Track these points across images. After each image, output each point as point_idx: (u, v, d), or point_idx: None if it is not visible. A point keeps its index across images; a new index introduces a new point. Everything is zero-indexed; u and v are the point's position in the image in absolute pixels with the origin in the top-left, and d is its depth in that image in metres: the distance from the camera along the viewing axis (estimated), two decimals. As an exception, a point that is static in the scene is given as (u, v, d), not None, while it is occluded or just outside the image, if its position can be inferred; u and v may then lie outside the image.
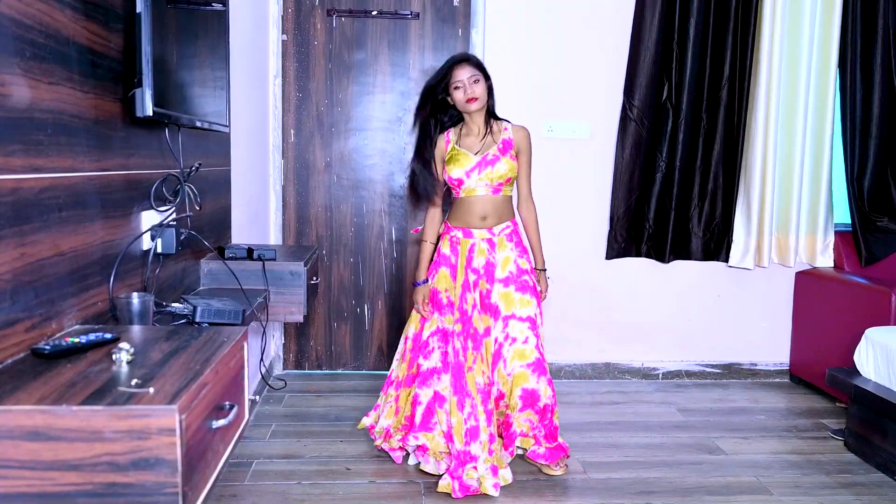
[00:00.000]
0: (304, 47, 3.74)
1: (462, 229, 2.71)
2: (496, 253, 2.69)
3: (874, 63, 3.71)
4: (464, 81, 2.62)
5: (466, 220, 2.71)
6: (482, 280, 2.67)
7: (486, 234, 2.70)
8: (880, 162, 3.79)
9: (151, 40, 1.66)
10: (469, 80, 2.62)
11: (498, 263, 2.68)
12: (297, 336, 3.89)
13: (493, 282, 2.67)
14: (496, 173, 2.66)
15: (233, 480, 2.58)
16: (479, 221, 2.69)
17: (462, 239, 2.71)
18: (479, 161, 2.66)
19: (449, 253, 2.73)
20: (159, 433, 1.12)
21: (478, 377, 2.62)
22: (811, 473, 2.77)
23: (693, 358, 3.97)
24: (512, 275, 2.67)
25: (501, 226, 2.71)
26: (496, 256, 2.69)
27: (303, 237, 3.85)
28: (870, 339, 2.96)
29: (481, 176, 2.66)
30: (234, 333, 1.54)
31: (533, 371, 2.64)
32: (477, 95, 2.62)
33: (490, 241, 2.70)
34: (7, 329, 1.33)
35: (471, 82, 2.62)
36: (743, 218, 3.80)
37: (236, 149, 2.97)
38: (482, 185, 2.67)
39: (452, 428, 2.58)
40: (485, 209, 2.69)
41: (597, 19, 3.73)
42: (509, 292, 2.66)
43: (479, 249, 2.69)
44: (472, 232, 2.70)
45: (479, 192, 2.68)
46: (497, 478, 2.55)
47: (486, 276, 2.67)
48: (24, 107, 1.37)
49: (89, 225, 1.65)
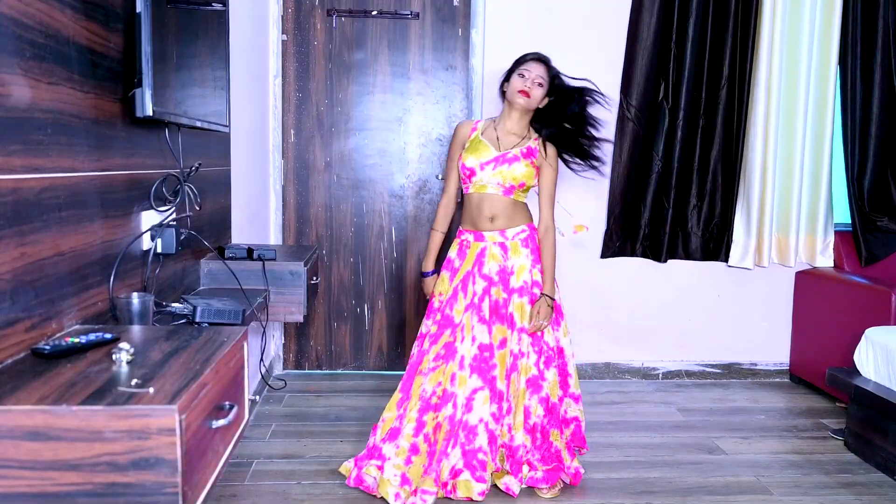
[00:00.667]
0: (304, 47, 3.74)
1: (472, 232, 2.59)
2: (511, 259, 2.55)
3: (874, 63, 3.71)
4: (530, 74, 2.54)
5: (474, 221, 2.58)
6: (497, 288, 2.53)
7: (497, 237, 2.56)
8: (880, 162, 3.79)
9: (151, 40, 1.66)
10: (535, 77, 2.54)
11: (514, 272, 2.55)
12: (297, 336, 3.89)
13: (510, 291, 2.53)
14: (511, 174, 2.53)
15: (233, 480, 2.58)
16: (488, 223, 2.56)
17: (473, 242, 2.59)
18: (497, 156, 2.54)
19: (455, 257, 2.62)
20: (159, 433, 1.12)
21: (427, 384, 2.48)
22: (811, 473, 2.77)
23: (693, 358, 3.97)
24: (526, 285, 2.53)
25: (516, 229, 2.57)
26: (511, 264, 2.55)
27: (303, 237, 3.85)
28: (870, 339, 2.96)
29: (495, 172, 2.53)
30: (234, 333, 1.54)
31: (527, 387, 2.52)
32: (532, 94, 2.53)
33: (503, 245, 2.56)
34: (7, 329, 1.33)
35: (535, 82, 2.54)
36: (743, 218, 3.81)
37: (236, 149, 2.97)
38: (494, 182, 2.53)
39: (383, 421, 2.53)
40: (493, 209, 2.55)
41: (596, 19, 3.73)
42: (523, 303, 2.53)
43: (491, 254, 2.55)
44: (483, 235, 2.57)
45: (490, 189, 2.54)
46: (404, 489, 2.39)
47: (501, 283, 2.53)
48: (25, 107, 1.37)
49: (89, 225, 1.65)
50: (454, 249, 2.64)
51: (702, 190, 3.79)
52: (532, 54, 2.61)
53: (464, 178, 2.60)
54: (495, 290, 2.53)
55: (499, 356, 2.49)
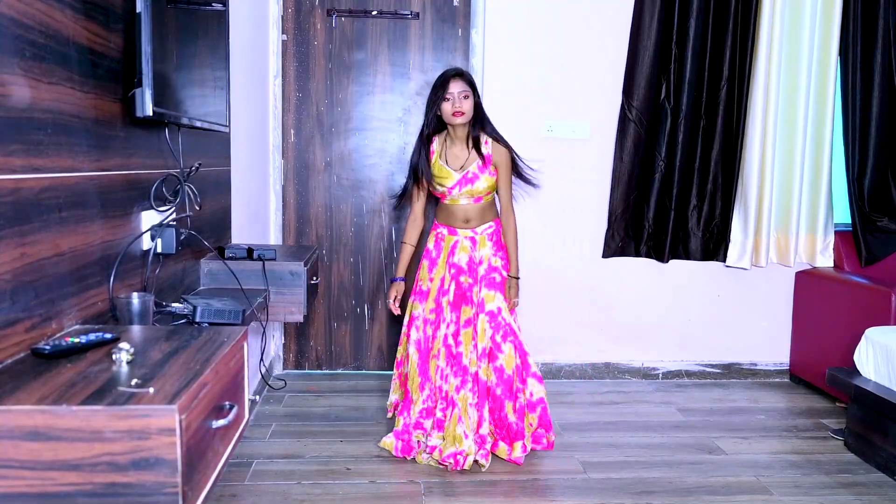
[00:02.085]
0: (304, 47, 3.73)
1: (447, 227, 2.94)
2: (477, 251, 2.89)
3: (874, 63, 3.71)
4: (454, 94, 2.76)
5: (451, 222, 2.92)
6: (464, 276, 2.86)
7: (469, 233, 2.91)
8: (880, 162, 3.79)
9: (151, 40, 1.66)
10: (459, 94, 2.76)
11: (480, 262, 2.88)
12: (297, 336, 3.89)
13: (476, 279, 2.86)
14: (476, 189, 2.85)
15: (233, 480, 2.58)
16: (463, 224, 2.91)
17: (447, 236, 2.93)
18: (460, 179, 2.84)
19: (432, 248, 2.95)
20: (159, 433, 1.12)
21: (441, 363, 2.80)
22: (811, 473, 2.77)
23: (693, 358, 3.97)
24: (486, 272, 2.87)
25: (484, 226, 2.92)
26: (477, 255, 2.89)
27: (303, 237, 3.85)
28: (870, 339, 2.96)
29: (462, 192, 2.86)
30: (234, 333, 1.54)
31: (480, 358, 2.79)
32: (464, 110, 2.77)
33: (472, 238, 2.90)
34: (7, 329, 1.33)
35: (461, 97, 2.76)
36: (740, 218, 3.81)
37: (236, 149, 2.97)
38: (464, 197, 2.87)
39: (412, 402, 2.82)
40: (467, 214, 2.90)
41: (597, 19, 3.73)
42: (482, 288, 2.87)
43: (462, 247, 2.90)
44: (457, 230, 2.91)
45: (462, 201, 2.88)
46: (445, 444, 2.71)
47: (468, 271, 2.87)
48: (24, 107, 1.37)
49: (89, 225, 1.65)
50: (431, 241, 2.98)
51: (702, 190, 3.79)
52: (447, 73, 2.81)
53: (436, 193, 2.93)
54: (463, 277, 2.87)
55: (464, 334, 2.81)
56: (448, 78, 2.79)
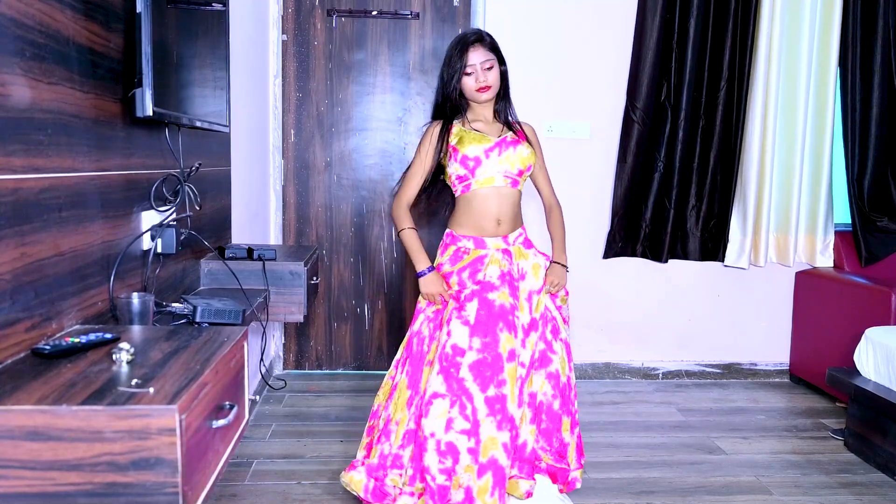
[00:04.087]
0: (304, 47, 3.74)
1: (473, 238, 2.31)
2: (519, 262, 2.32)
3: (874, 63, 3.71)
4: (476, 67, 2.26)
5: (480, 225, 2.30)
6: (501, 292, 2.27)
7: (500, 243, 2.31)
8: (880, 162, 3.79)
9: (151, 40, 1.66)
10: (482, 65, 2.26)
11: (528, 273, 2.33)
12: (297, 336, 3.89)
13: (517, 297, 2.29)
14: (519, 157, 2.28)
15: (233, 480, 2.58)
16: (494, 226, 2.29)
17: (473, 250, 2.30)
18: (498, 141, 2.28)
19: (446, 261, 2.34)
20: (159, 433, 1.12)
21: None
22: (811, 473, 2.77)
23: (693, 358, 3.97)
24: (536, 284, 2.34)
25: (515, 234, 2.35)
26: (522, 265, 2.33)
27: (303, 237, 3.85)
28: (870, 339, 2.96)
29: (502, 158, 2.26)
30: (234, 333, 1.53)
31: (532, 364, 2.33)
32: (490, 83, 2.27)
33: (507, 251, 2.31)
34: (7, 329, 1.33)
35: (483, 68, 2.26)
36: (739, 218, 3.81)
37: (236, 149, 2.97)
38: (501, 172, 2.27)
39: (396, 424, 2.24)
40: (500, 209, 2.29)
41: (596, 20, 3.73)
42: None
43: (494, 259, 2.27)
44: (486, 241, 2.30)
45: (497, 182, 2.27)
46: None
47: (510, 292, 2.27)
48: (24, 107, 1.37)
49: (89, 225, 1.65)
50: (446, 257, 2.34)
51: (701, 190, 3.79)
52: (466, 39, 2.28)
53: (461, 178, 2.31)
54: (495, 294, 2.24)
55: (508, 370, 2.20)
56: (467, 45, 2.25)
